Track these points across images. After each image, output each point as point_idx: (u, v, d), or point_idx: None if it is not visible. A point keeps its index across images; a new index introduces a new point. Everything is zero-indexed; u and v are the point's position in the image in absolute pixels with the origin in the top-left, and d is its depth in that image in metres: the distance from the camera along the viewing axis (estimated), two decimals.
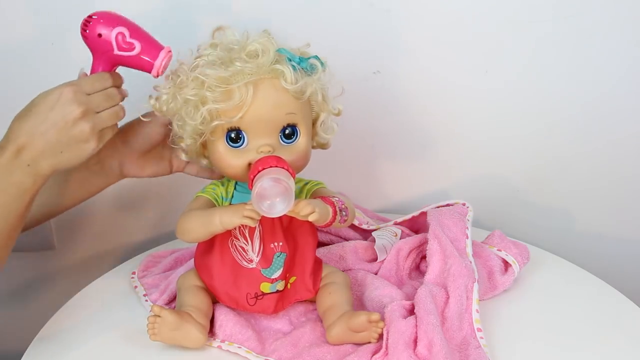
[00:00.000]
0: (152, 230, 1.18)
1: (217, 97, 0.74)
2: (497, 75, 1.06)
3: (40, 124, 0.74)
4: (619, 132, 1.09)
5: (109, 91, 0.78)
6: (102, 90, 0.77)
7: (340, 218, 0.78)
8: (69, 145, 0.75)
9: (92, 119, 0.75)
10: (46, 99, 0.75)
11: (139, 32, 0.78)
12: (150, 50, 0.78)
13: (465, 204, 0.96)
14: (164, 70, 0.79)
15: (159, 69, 0.78)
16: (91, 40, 0.78)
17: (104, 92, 0.77)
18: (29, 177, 0.75)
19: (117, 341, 0.82)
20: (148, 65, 0.78)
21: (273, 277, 0.80)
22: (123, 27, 0.77)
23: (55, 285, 1.19)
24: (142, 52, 0.78)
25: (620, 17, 1.02)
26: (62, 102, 0.74)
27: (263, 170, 0.72)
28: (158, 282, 0.93)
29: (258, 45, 0.75)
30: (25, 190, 0.76)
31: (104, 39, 0.77)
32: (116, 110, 0.78)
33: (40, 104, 0.75)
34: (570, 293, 0.90)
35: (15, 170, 0.75)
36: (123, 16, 0.79)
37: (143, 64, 0.79)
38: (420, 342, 0.74)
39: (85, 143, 0.75)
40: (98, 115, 0.76)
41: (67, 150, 0.75)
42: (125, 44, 0.77)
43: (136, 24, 0.79)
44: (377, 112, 1.09)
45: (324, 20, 1.02)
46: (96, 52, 0.79)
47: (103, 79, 0.78)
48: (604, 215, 1.16)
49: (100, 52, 0.78)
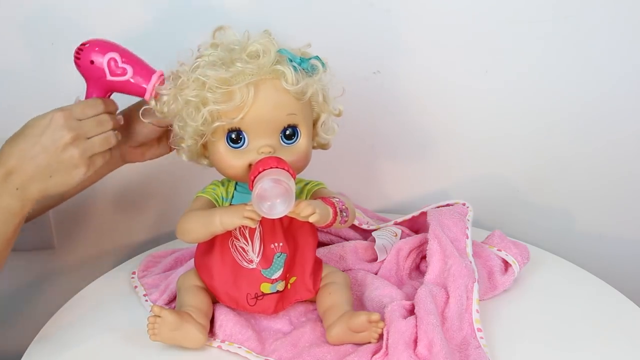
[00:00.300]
0: (152, 230, 1.18)
1: (217, 98, 0.74)
2: (497, 75, 1.06)
3: (31, 148, 0.74)
4: (619, 132, 1.09)
5: (100, 117, 0.78)
6: (94, 116, 0.77)
7: (340, 219, 0.78)
8: (59, 170, 0.75)
9: (82, 144, 0.75)
10: (37, 124, 0.75)
11: (130, 57, 0.79)
12: (142, 74, 0.79)
13: (465, 204, 0.96)
14: (157, 94, 0.79)
15: (151, 92, 0.79)
16: (84, 67, 0.79)
17: (96, 118, 0.77)
18: (18, 201, 0.75)
19: (117, 341, 0.82)
20: (141, 90, 0.79)
21: (273, 277, 0.80)
22: (115, 53, 0.78)
23: (55, 285, 1.19)
24: (134, 77, 0.79)
25: (620, 17, 1.02)
26: (52, 127, 0.74)
27: (263, 171, 0.72)
28: (158, 282, 0.93)
29: (259, 46, 0.75)
30: (14, 214, 0.76)
31: (96, 66, 0.78)
32: (107, 136, 0.78)
33: (31, 128, 0.75)
34: (570, 293, 0.90)
35: (4, 194, 0.75)
36: (114, 42, 0.80)
37: (136, 89, 0.80)
38: (420, 342, 0.74)
39: (75, 169, 0.75)
40: (89, 141, 0.76)
41: (56, 175, 0.75)
42: (117, 69, 0.78)
43: (128, 50, 0.80)
44: (377, 112, 1.09)
45: (324, 20, 1.02)
46: (89, 78, 0.80)
47: (95, 105, 0.78)
48: (604, 215, 1.16)
49: (93, 79, 0.79)
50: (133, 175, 1.12)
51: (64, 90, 0.87)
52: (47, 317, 0.88)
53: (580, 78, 1.06)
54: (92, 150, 0.76)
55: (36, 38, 1.01)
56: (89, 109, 0.77)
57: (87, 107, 0.77)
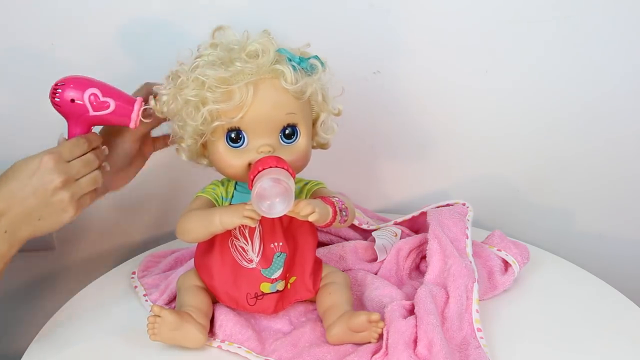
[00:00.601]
0: (152, 230, 1.18)
1: (217, 98, 0.74)
2: (497, 75, 1.06)
3: (20, 190, 0.74)
4: (619, 132, 1.09)
5: (87, 157, 0.77)
6: (81, 156, 0.77)
7: (340, 218, 0.78)
8: (48, 213, 0.75)
9: (71, 187, 0.75)
10: (26, 166, 0.74)
11: (110, 90, 0.79)
12: (124, 105, 0.79)
13: (465, 204, 0.96)
14: (140, 122, 0.79)
15: (136, 121, 0.79)
16: (64, 106, 0.78)
17: (83, 159, 0.77)
18: (5, 243, 0.75)
19: (117, 341, 0.82)
20: (125, 120, 0.79)
21: (273, 277, 0.80)
22: (94, 88, 0.78)
23: (55, 285, 1.19)
24: (117, 109, 0.78)
25: (620, 17, 1.02)
26: (42, 170, 0.74)
27: (263, 170, 0.72)
28: (158, 282, 0.93)
29: (258, 45, 0.75)
30: (1, 255, 0.76)
31: (77, 104, 0.77)
32: (94, 176, 0.78)
33: (20, 171, 0.74)
34: (570, 293, 0.90)
35: None
36: (88, 77, 0.79)
37: (120, 119, 0.79)
38: (420, 342, 0.74)
39: (64, 212, 0.75)
40: (77, 183, 0.76)
41: (45, 217, 0.75)
42: (100, 104, 0.78)
43: (104, 82, 0.79)
44: (377, 112, 1.09)
45: (324, 20, 1.02)
46: (71, 116, 0.79)
47: (81, 145, 0.77)
48: (604, 215, 1.16)
49: (75, 116, 0.78)
50: None
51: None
52: (47, 317, 0.88)
53: (580, 78, 1.06)
54: (80, 192, 0.76)
55: (36, 38, 1.01)
56: (76, 149, 0.77)
57: (75, 147, 0.77)
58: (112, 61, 1.02)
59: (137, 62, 1.02)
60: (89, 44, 1.01)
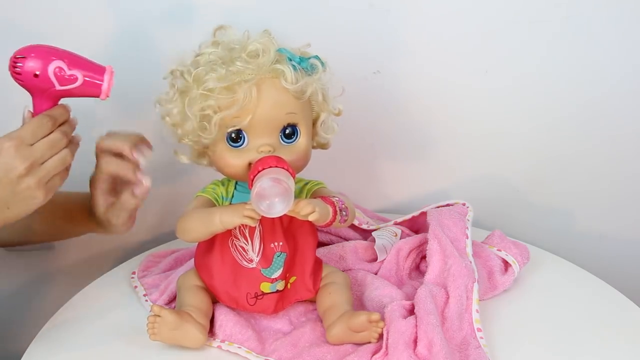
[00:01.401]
0: (152, 230, 1.18)
1: (222, 104, 0.74)
2: (497, 75, 1.06)
3: None
4: (619, 132, 1.09)
5: (52, 137, 0.72)
6: (46, 136, 0.72)
7: (340, 218, 0.78)
8: (15, 201, 0.71)
9: (37, 172, 0.71)
10: None
11: (77, 61, 0.73)
12: (93, 76, 0.73)
13: (465, 204, 0.96)
14: (110, 92, 0.74)
15: (106, 92, 0.73)
16: (26, 81, 0.71)
17: (48, 140, 0.72)
18: None
19: (117, 341, 0.82)
20: (95, 92, 0.73)
21: (273, 277, 0.80)
22: (59, 61, 0.71)
23: (55, 285, 1.19)
24: (85, 81, 0.72)
25: (620, 17, 1.02)
26: (4, 158, 0.70)
27: (263, 170, 0.72)
28: (158, 282, 0.93)
29: (259, 45, 0.75)
30: None
31: (41, 78, 0.71)
32: (62, 156, 0.73)
33: None
34: (570, 293, 0.90)
35: None
36: (52, 47, 0.73)
37: (89, 92, 0.73)
38: (420, 342, 0.74)
39: (33, 198, 0.72)
40: (43, 167, 0.71)
41: (13, 206, 0.71)
42: (66, 78, 0.72)
43: (70, 52, 0.73)
44: (377, 112, 1.09)
45: (324, 20, 1.02)
46: (35, 90, 0.73)
47: (45, 124, 0.72)
48: (604, 215, 1.16)
49: (41, 91, 0.72)
50: None
51: None
52: (47, 317, 0.88)
53: (580, 78, 1.06)
54: (47, 176, 0.72)
55: (36, 38, 1.01)
56: (39, 130, 0.72)
57: (37, 128, 0.72)
58: (112, 61, 1.02)
59: (137, 62, 1.02)
60: (89, 44, 1.01)
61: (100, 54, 1.01)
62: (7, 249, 1.10)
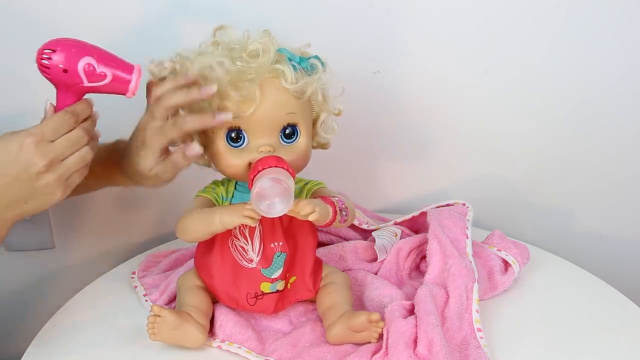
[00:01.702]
0: (152, 230, 1.18)
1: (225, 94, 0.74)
2: (497, 75, 1.06)
3: (2, 177, 0.70)
4: (619, 132, 1.09)
5: (73, 134, 0.72)
6: (67, 133, 0.71)
7: (340, 218, 0.78)
8: (34, 196, 0.71)
9: (57, 169, 0.71)
10: (6, 149, 0.70)
11: (107, 58, 0.72)
12: (122, 74, 0.72)
13: (465, 204, 0.96)
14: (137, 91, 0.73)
15: (134, 90, 0.73)
16: (55, 75, 0.70)
17: (69, 137, 0.71)
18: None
19: (117, 341, 0.82)
20: (122, 89, 0.73)
21: (273, 277, 0.80)
22: (89, 57, 0.70)
23: (55, 285, 1.19)
24: (114, 79, 0.72)
25: (621, 17, 1.02)
26: (24, 154, 0.69)
27: (263, 170, 0.72)
28: (158, 282, 0.93)
29: (259, 45, 0.75)
30: None
31: (70, 74, 0.70)
32: (83, 154, 0.72)
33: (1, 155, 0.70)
34: (570, 293, 0.90)
35: None
36: (84, 42, 0.72)
37: (117, 89, 0.73)
38: (420, 342, 0.74)
39: (52, 195, 0.72)
40: (63, 164, 0.71)
41: (32, 201, 0.71)
42: (95, 75, 0.71)
43: (100, 48, 0.72)
44: (377, 112, 1.09)
45: (324, 20, 1.02)
46: (61, 85, 0.72)
47: (67, 121, 0.71)
48: (604, 215, 1.16)
49: (67, 86, 0.71)
50: None
51: None
52: (47, 317, 0.88)
53: (580, 78, 1.06)
54: (67, 173, 0.72)
55: (36, 38, 1.01)
56: (60, 127, 0.71)
57: (59, 125, 0.71)
58: None
59: (138, 62, 1.02)
60: None
61: None
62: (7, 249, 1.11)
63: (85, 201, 1.14)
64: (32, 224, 1.13)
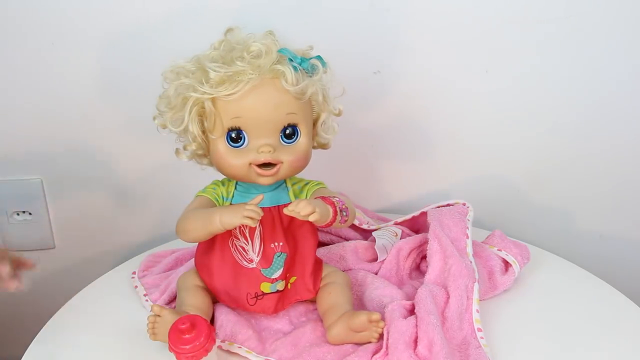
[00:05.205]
0: (152, 230, 1.18)
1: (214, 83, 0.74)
2: (498, 75, 1.06)
3: None
4: (619, 132, 1.09)
5: None
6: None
7: (340, 218, 0.78)
8: None
9: None
10: None
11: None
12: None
13: (465, 204, 0.96)
14: None
15: None
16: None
17: None
18: None
19: (117, 341, 0.82)
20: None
21: (273, 277, 0.80)
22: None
23: (55, 285, 1.19)
24: None
25: (622, 17, 1.02)
26: None
27: None
28: (158, 282, 0.93)
29: (260, 46, 0.75)
30: None
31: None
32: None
33: None
34: (570, 293, 0.90)
35: None
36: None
37: None
38: (420, 342, 0.74)
39: None
40: None
41: None
42: None
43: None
44: (377, 112, 1.09)
45: (324, 20, 1.02)
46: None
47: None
48: (604, 216, 1.16)
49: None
50: (133, 175, 1.12)
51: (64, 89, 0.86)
52: (47, 317, 0.88)
53: (580, 78, 1.06)
54: None
55: (36, 38, 1.01)
56: None
57: None
58: (112, 61, 1.02)
59: (138, 62, 1.02)
60: (89, 44, 1.01)
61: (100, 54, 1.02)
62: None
63: (85, 201, 1.14)
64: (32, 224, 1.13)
